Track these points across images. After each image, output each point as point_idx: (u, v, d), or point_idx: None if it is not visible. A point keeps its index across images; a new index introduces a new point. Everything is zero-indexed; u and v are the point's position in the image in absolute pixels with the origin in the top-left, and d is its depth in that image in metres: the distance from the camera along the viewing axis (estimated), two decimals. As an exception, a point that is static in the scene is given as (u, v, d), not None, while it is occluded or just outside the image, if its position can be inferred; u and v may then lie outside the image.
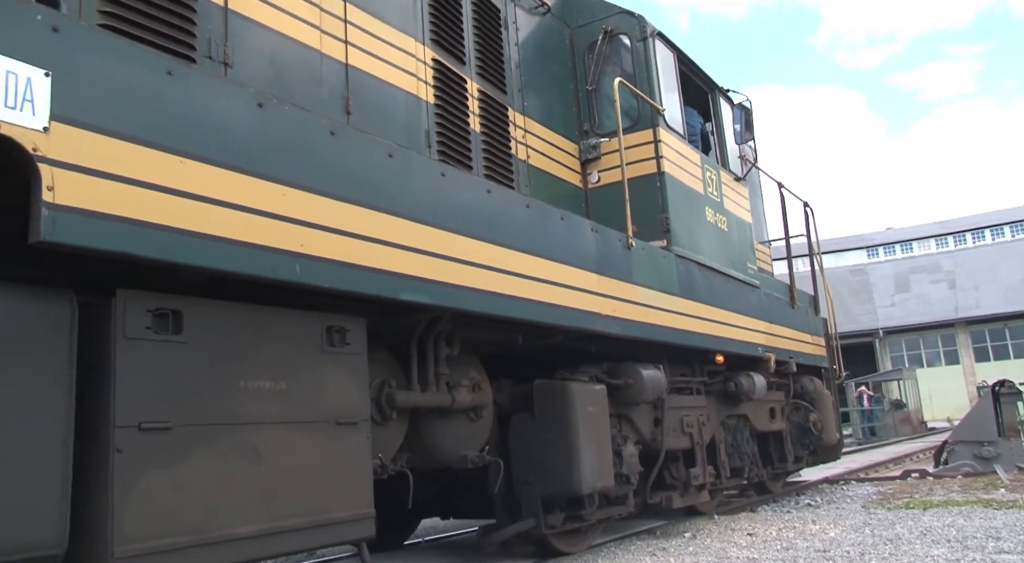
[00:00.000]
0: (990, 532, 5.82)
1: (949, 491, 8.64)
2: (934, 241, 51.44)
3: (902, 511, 7.28)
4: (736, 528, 6.63)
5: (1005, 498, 7.76)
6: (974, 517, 6.61)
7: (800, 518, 7.11)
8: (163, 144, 2.74)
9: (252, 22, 3.87)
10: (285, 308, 3.32)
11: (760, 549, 5.60)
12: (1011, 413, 11.28)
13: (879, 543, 5.60)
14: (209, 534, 2.87)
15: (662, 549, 5.77)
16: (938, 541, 5.57)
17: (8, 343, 2.45)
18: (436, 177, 3.97)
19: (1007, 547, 5.23)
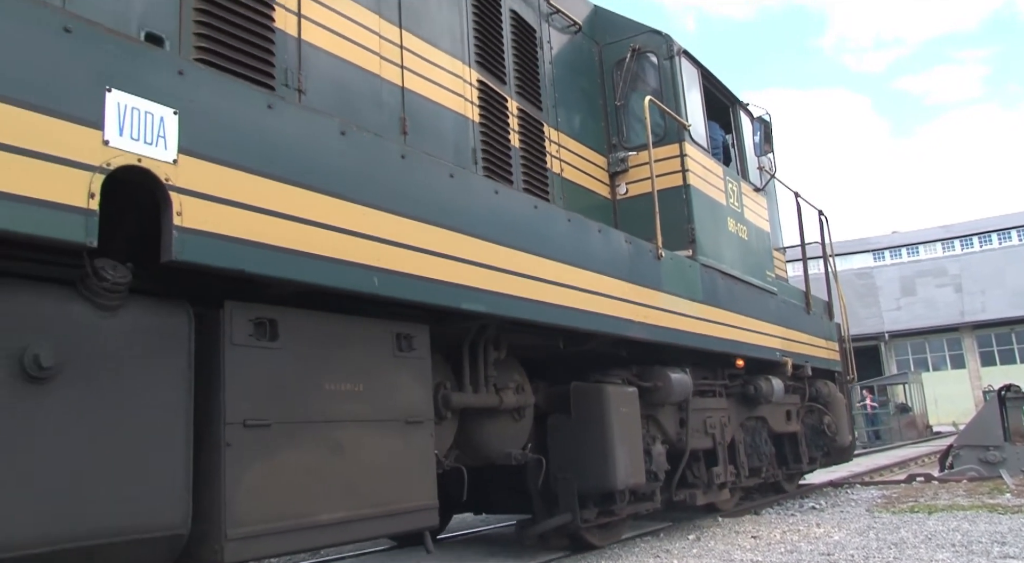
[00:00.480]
0: (995, 537, 5.85)
1: (954, 495, 8.65)
2: (940, 245, 51.61)
3: (907, 515, 7.31)
4: (740, 531, 6.70)
5: (1011, 503, 7.78)
6: (979, 522, 6.64)
7: (804, 521, 7.17)
8: (265, 171, 3.09)
9: (321, 51, 4.22)
10: (361, 316, 3.67)
11: (764, 552, 5.64)
12: (1017, 418, 11.23)
13: (883, 547, 5.63)
14: (301, 520, 3.22)
15: (666, 551, 5.85)
16: (943, 546, 5.60)
17: (138, 349, 2.80)
18: (491, 195, 4.32)
19: (1012, 552, 5.26)
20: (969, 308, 44.47)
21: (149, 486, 2.75)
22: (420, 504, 3.78)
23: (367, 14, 4.54)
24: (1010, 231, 49.72)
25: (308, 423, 3.32)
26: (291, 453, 3.23)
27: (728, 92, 7.94)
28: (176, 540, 2.85)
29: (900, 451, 19.09)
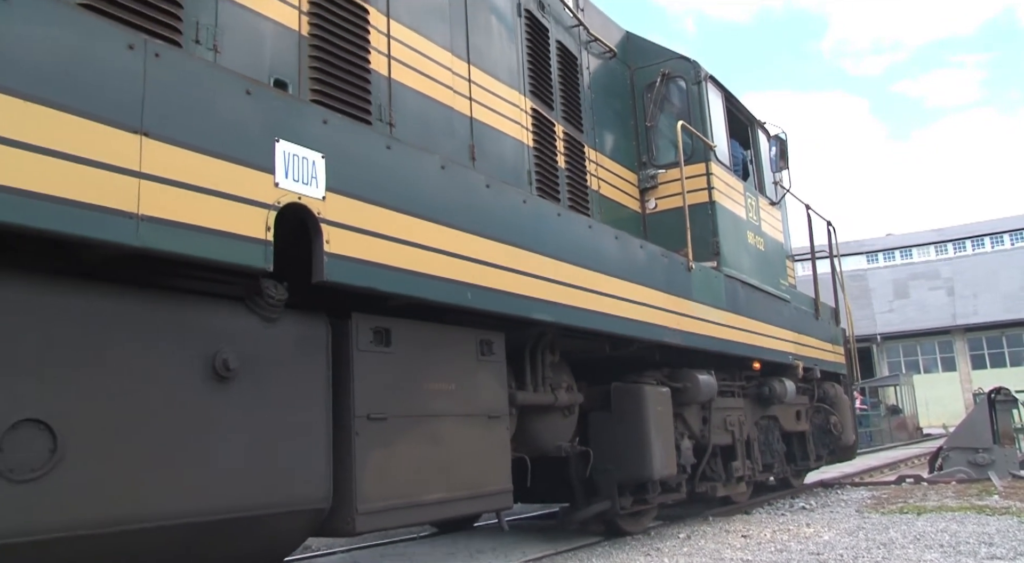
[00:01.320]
0: (983, 538, 5.94)
1: (943, 497, 8.78)
2: (933, 248, 52.34)
3: (896, 516, 7.40)
4: (730, 530, 6.82)
5: (999, 504, 7.88)
6: (967, 523, 6.74)
7: (794, 521, 7.28)
8: (386, 202, 3.69)
9: (407, 87, 4.81)
10: (450, 325, 4.28)
11: (754, 551, 5.72)
12: (1006, 420, 11.36)
13: (872, 547, 5.71)
14: (411, 499, 3.84)
15: (656, 549, 5.94)
16: (931, 546, 5.69)
17: (290, 354, 3.40)
18: (554, 217, 4.94)
19: (999, 553, 5.34)
20: (961, 311, 45.20)
21: (301, 467, 3.36)
22: (499, 488, 4.40)
23: (442, 52, 5.14)
24: (1003, 235, 50.46)
25: (414, 417, 3.93)
26: (402, 442, 3.84)
27: (747, 112, 8.57)
28: (319, 513, 3.46)
29: (890, 453, 19.22)
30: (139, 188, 2.71)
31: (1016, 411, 13.08)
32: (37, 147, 2.45)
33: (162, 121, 2.82)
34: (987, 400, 11.27)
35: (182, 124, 2.88)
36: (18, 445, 2.49)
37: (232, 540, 3.21)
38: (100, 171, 2.61)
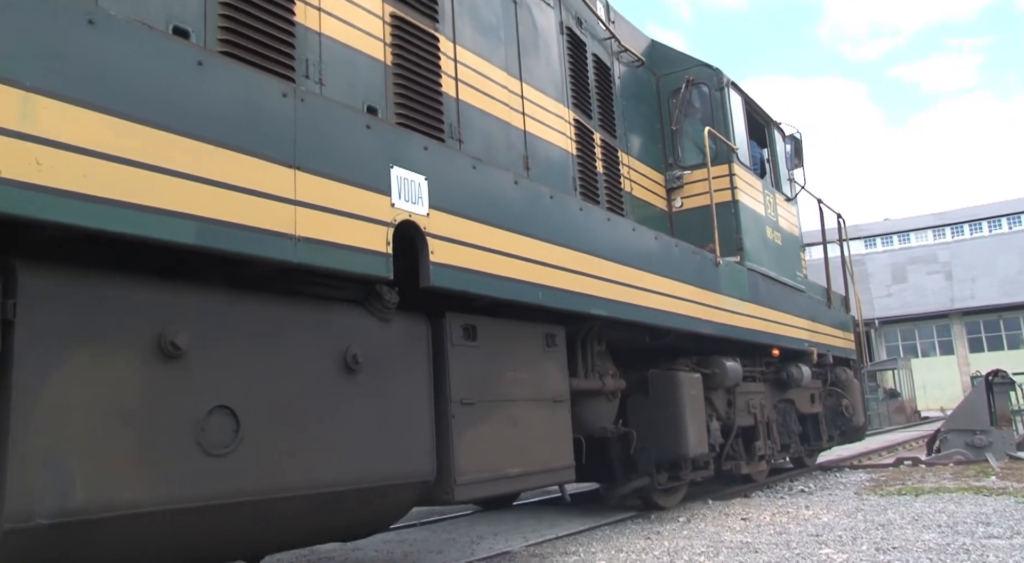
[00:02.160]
0: (980, 518, 6.06)
1: (941, 478, 8.99)
2: (931, 232, 52.84)
3: (894, 497, 7.57)
4: (730, 513, 6.97)
5: (995, 485, 8.08)
6: (965, 503, 6.88)
7: (793, 504, 7.45)
8: (474, 216, 4.28)
9: (472, 107, 5.39)
10: (522, 321, 4.87)
11: (754, 533, 5.86)
12: (1004, 403, 11.50)
13: (871, 528, 5.84)
14: (496, 472, 4.45)
15: (656, 533, 6.10)
16: (929, 526, 5.81)
17: (400, 349, 3.99)
18: (604, 222, 5.53)
19: (996, 532, 5.48)
20: (959, 295, 45.80)
21: (411, 446, 3.97)
22: (564, 464, 5.02)
23: (499, 72, 5.71)
24: (1000, 219, 50.97)
25: (496, 402, 4.53)
26: (487, 424, 4.44)
27: (765, 113, 9.16)
28: (426, 485, 4.07)
29: (889, 436, 19.50)
30: (295, 214, 3.30)
31: (1013, 393, 13.28)
32: (222, 183, 3.03)
33: (308, 156, 3.40)
34: (984, 383, 11.45)
35: (322, 157, 3.47)
36: (213, 427, 3.08)
37: (359, 507, 3.82)
38: (267, 201, 3.19)
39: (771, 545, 5.33)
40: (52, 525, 2.58)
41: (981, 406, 11.20)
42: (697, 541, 5.63)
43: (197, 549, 3.20)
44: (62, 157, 2.54)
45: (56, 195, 2.51)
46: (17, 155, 2.43)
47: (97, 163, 2.63)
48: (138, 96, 2.79)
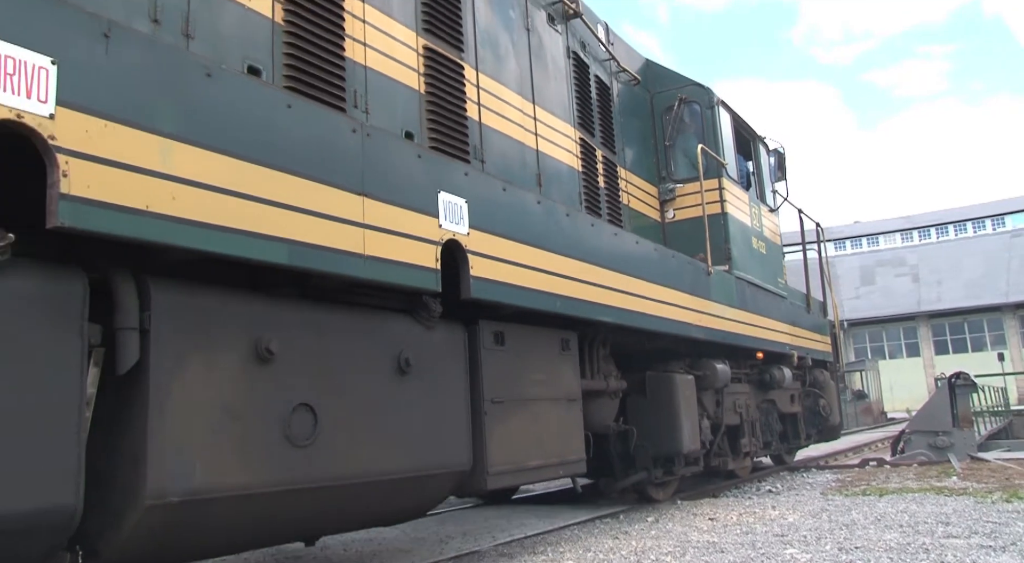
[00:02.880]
0: (940, 518, 6.25)
1: (904, 479, 9.22)
2: (899, 235, 54.04)
3: (859, 498, 7.77)
4: (698, 513, 7.12)
5: (956, 485, 8.36)
6: (926, 503, 7.07)
7: (760, 504, 7.61)
8: (504, 233, 4.82)
9: (492, 129, 5.93)
10: (538, 327, 5.42)
11: (720, 533, 5.98)
12: (965, 404, 11.76)
13: (835, 528, 6.00)
14: (520, 464, 5.00)
15: (624, 533, 6.22)
16: (891, 526, 5.96)
17: (442, 353, 4.52)
18: (611, 236, 6.10)
19: (955, 532, 5.64)
20: (925, 298, 46.97)
21: (452, 439, 4.50)
22: (577, 457, 5.59)
23: (516, 96, 6.26)
24: (966, 223, 52.26)
25: (520, 400, 5.08)
26: (513, 420, 4.99)
27: (750, 128, 9.80)
28: (463, 475, 4.61)
29: (856, 437, 19.62)
30: (364, 236, 3.82)
31: (975, 395, 13.58)
32: (308, 210, 3.54)
33: (373, 183, 3.92)
34: (947, 385, 11.69)
35: (384, 184, 3.99)
36: (297, 421, 3.60)
37: (408, 493, 4.35)
38: (343, 225, 3.71)
39: (737, 545, 5.47)
40: (180, 502, 3.08)
41: (944, 408, 11.45)
42: (664, 541, 5.77)
43: (280, 527, 3.72)
44: (190, 192, 3.05)
45: (186, 224, 3.01)
46: (159, 192, 2.94)
47: (215, 196, 3.14)
48: (244, 137, 3.30)
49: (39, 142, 2.63)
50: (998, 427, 17.64)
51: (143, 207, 2.88)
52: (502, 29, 6.24)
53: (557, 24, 7.07)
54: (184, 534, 3.26)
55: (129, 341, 3.00)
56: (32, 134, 2.61)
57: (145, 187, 2.90)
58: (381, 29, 5.00)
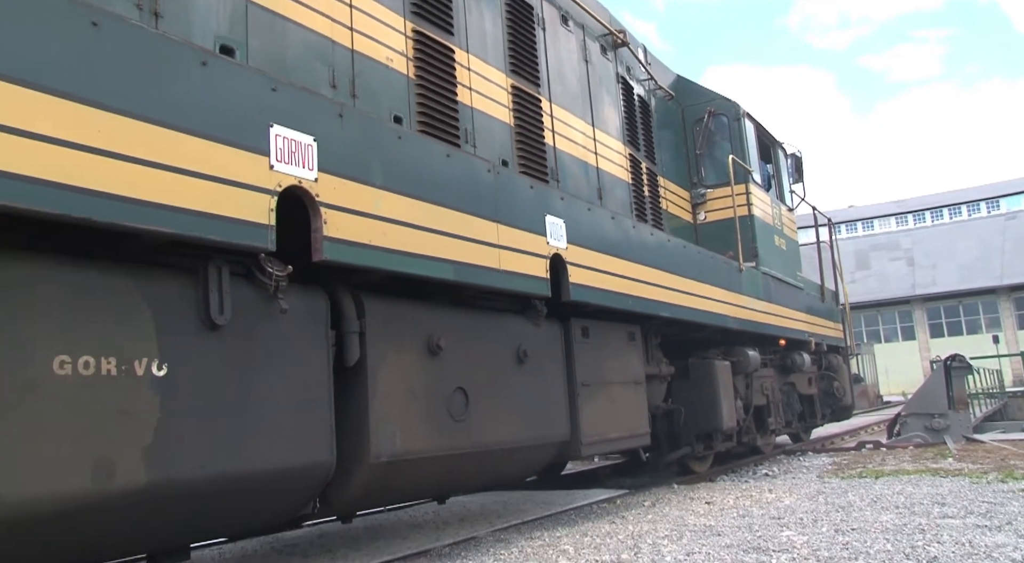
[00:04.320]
0: (936, 499, 6.32)
1: (900, 461, 9.35)
2: (894, 219, 54.67)
3: (855, 480, 7.87)
4: (695, 497, 7.27)
5: (952, 467, 8.44)
6: (922, 485, 7.17)
7: (757, 487, 7.74)
8: (592, 246, 5.89)
9: (564, 152, 6.98)
10: (613, 322, 6.50)
11: (717, 517, 6.07)
12: (961, 386, 11.93)
13: (832, 510, 6.09)
14: (603, 436, 6.10)
15: (621, 517, 6.35)
16: (887, 508, 6.06)
17: (548, 345, 5.60)
18: (665, 242, 7.20)
19: (951, 512, 5.71)
20: (920, 281, 47.82)
21: (556, 415, 5.60)
22: (643, 431, 6.70)
23: (580, 122, 7.32)
24: (960, 206, 52.94)
25: (602, 383, 6.17)
26: (597, 400, 6.08)
27: (771, 135, 10.90)
28: (563, 445, 5.70)
29: (852, 420, 19.54)
30: (499, 254, 4.89)
31: (970, 377, 14.05)
32: (464, 237, 4.60)
33: (503, 212, 4.98)
34: (943, 367, 11.89)
35: (510, 212, 5.06)
36: (455, 401, 4.67)
37: (524, 460, 5.45)
38: (487, 247, 4.77)
39: (734, 528, 5.57)
40: (388, 462, 4.16)
41: (939, 390, 11.61)
42: (661, 525, 5.88)
43: (445, 484, 4.81)
44: (393, 228, 4.11)
45: (392, 253, 4.07)
46: (375, 230, 4.00)
47: (408, 230, 4.21)
48: (423, 182, 4.36)
49: (308, 199, 3.69)
50: (993, 409, 18.49)
51: (367, 242, 3.94)
52: (567, 64, 7.29)
53: (608, 53, 8.12)
54: (387, 486, 4.35)
55: (353, 342, 4.07)
56: (305, 194, 3.66)
57: (368, 227, 3.96)
58: (482, 74, 6.04)
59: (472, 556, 5.13)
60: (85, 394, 2.90)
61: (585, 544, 5.30)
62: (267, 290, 3.61)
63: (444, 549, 5.48)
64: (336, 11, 4.80)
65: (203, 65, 3.30)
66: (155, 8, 3.76)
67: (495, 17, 6.37)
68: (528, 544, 5.43)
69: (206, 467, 3.28)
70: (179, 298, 3.30)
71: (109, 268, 3.11)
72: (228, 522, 3.83)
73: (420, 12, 5.47)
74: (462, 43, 5.87)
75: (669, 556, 4.73)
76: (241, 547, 6.17)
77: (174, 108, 3.12)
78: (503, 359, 5.15)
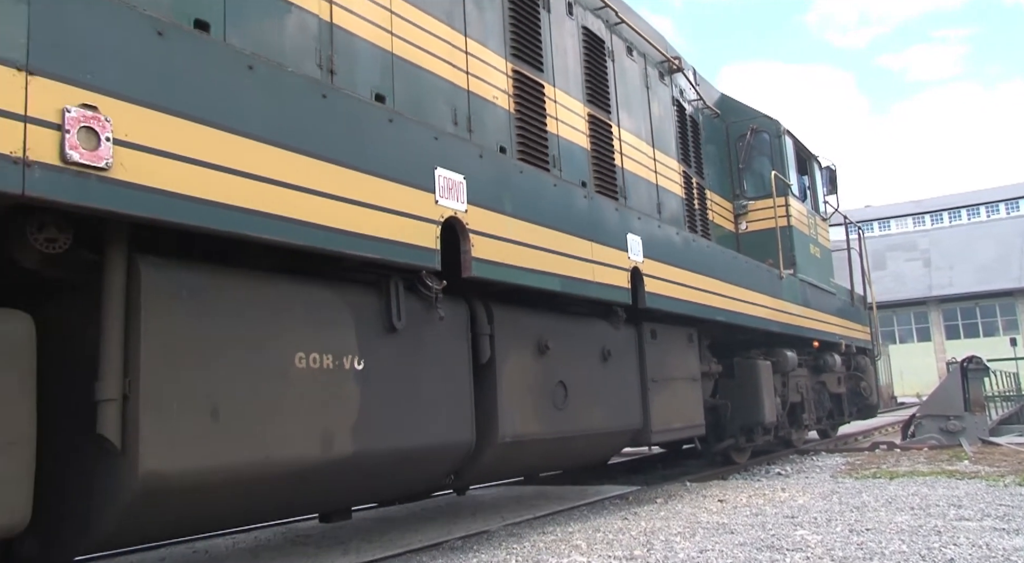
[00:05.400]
0: (952, 500, 6.28)
1: (915, 462, 9.40)
2: (911, 219, 54.75)
3: (869, 480, 7.89)
4: (707, 495, 7.35)
5: (968, 469, 8.42)
6: (938, 487, 7.16)
7: (770, 486, 7.80)
8: (664, 259, 6.76)
9: (629, 172, 7.84)
10: (675, 325, 7.38)
11: (730, 515, 6.09)
12: (977, 389, 11.87)
13: (846, 510, 6.08)
14: (669, 425, 6.99)
15: (634, 513, 6.43)
16: (902, 509, 6.03)
17: (626, 346, 6.48)
18: (720, 253, 8.07)
19: (967, 514, 5.67)
20: (937, 282, 48.04)
21: (631, 406, 6.49)
22: (700, 422, 7.59)
23: (643, 144, 8.19)
24: (979, 207, 53.00)
25: (667, 379, 7.06)
26: (663, 394, 6.97)
27: (807, 150, 11.77)
28: (637, 432, 6.60)
29: (865, 421, 19.72)
30: (593, 269, 5.77)
31: (987, 379, 14.04)
32: (567, 254, 5.48)
33: (596, 232, 5.86)
34: (959, 369, 11.88)
35: (601, 231, 5.94)
36: (558, 393, 5.56)
37: (606, 444, 6.34)
38: (584, 262, 5.66)
39: (747, 526, 5.59)
40: (511, 442, 5.07)
41: (956, 392, 11.63)
42: (674, 522, 5.93)
43: (549, 463, 5.71)
44: (516, 248, 5.00)
45: (520, 270, 4.96)
46: (507, 251, 4.89)
47: (527, 250, 5.09)
48: (539, 208, 5.25)
49: (459, 226, 4.58)
50: (1010, 412, 18.76)
51: (500, 260, 4.84)
52: (632, 91, 8.15)
53: (665, 78, 8.98)
54: (506, 463, 5.26)
55: (485, 343, 4.97)
56: (458, 223, 4.55)
57: (500, 248, 4.86)
58: (565, 105, 6.92)
59: (485, 550, 5.21)
60: (314, 382, 3.80)
61: (598, 540, 5.36)
62: (429, 301, 4.50)
63: (456, 542, 5.56)
64: (456, 58, 5.68)
65: (390, 122, 4.20)
66: (331, 67, 4.65)
67: (574, 52, 7.23)
68: (540, 539, 5.49)
69: (389, 442, 4.18)
70: (369, 307, 4.20)
71: (325, 285, 4.02)
72: (394, 488, 4.74)
73: (518, 54, 6.34)
74: (550, 78, 6.74)
75: (682, 553, 4.76)
76: (255, 537, 6.53)
77: (374, 159, 4.02)
78: (592, 357, 6.04)
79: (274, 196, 3.43)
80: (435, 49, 5.47)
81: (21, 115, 2.66)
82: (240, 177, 3.29)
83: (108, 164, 2.85)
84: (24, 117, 2.66)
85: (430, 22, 5.43)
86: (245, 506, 3.70)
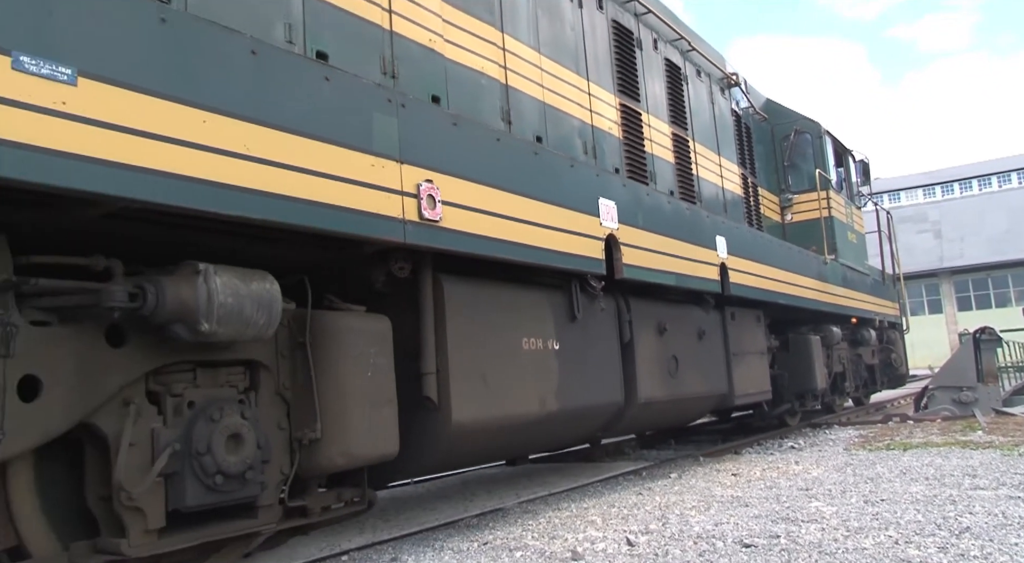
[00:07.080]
0: (967, 470, 6.34)
1: (928, 434, 9.55)
2: (921, 191, 54.47)
3: (883, 452, 8.05)
4: (721, 469, 7.54)
5: (982, 440, 8.55)
6: (952, 457, 7.25)
7: (784, 460, 8.01)
8: (742, 254, 8.35)
9: (703, 180, 9.41)
10: (746, 307, 8.98)
11: (744, 488, 6.19)
12: (990, 360, 12.15)
13: (860, 482, 6.16)
14: (744, 391, 8.64)
15: (648, 489, 6.59)
16: (916, 479, 6.10)
17: (712, 326, 8.10)
18: (781, 245, 9.67)
19: (982, 484, 5.72)
20: (948, 254, 48.51)
21: (719, 375, 8.13)
22: (767, 389, 9.24)
23: (712, 154, 9.76)
24: (990, 177, 52.67)
25: (743, 353, 8.69)
26: (741, 365, 8.60)
27: (843, 145, 13.37)
28: (723, 396, 8.25)
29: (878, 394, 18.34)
30: (694, 266, 7.37)
31: (1000, 350, 14.36)
32: (676, 254, 7.08)
33: (695, 235, 7.45)
34: (972, 340, 12.18)
35: (698, 235, 7.53)
36: (672, 364, 7.19)
37: (702, 405, 8.02)
38: (685, 261, 7.25)
39: (761, 499, 5.66)
40: (644, 403, 6.70)
41: (968, 363, 11.81)
42: (688, 496, 6.03)
43: (667, 419, 7.36)
44: (647, 254, 6.60)
45: (648, 270, 6.56)
46: (640, 256, 6.49)
47: (653, 254, 6.69)
48: (658, 220, 6.84)
49: (613, 241, 6.18)
50: (1023, 382, 19.18)
51: (638, 264, 6.45)
52: (702, 108, 9.71)
53: (724, 93, 10.53)
54: (640, 420, 6.92)
55: (627, 327, 6.60)
56: (612, 238, 6.16)
57: (638, 254, 6.49)
58: (655, 128, 8.48)
59: (500, 526, 5.34)
60: (533, 359, 5.43)
61: (613, 515, 5.47)
62: (593, 297, 6.11)
63: (472, 520, 5.69)
64: (583, 99, 7.25)
65: (571, 167, 5.79)
66: (508, 119, 6.22)
67: (660, 81, 8.79)
68: (556, 515, 5.63)
69: (575, 402, 5.82)
70: (560, 303, 5.82)
71: (535, 288, 5.63)
72: (574, 436, 6.43)
73: (623, 89, 7.90)
74: (644, 106, 8.30)
75: (697, 527, 4.86)
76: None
77: (567, 196, 5.61)
78: (692, 336, 7.67)
79: (522, 230, 5.04)
80: (570, 94, 7.03)
81: (399, 190, 4.26)
82: (506, 219, 4.90)
83: (440, 218, 4.45)
84: (400, 191, 4.26)
85: (566, 73, 7.00)
86: (501, 445, 5.35)
